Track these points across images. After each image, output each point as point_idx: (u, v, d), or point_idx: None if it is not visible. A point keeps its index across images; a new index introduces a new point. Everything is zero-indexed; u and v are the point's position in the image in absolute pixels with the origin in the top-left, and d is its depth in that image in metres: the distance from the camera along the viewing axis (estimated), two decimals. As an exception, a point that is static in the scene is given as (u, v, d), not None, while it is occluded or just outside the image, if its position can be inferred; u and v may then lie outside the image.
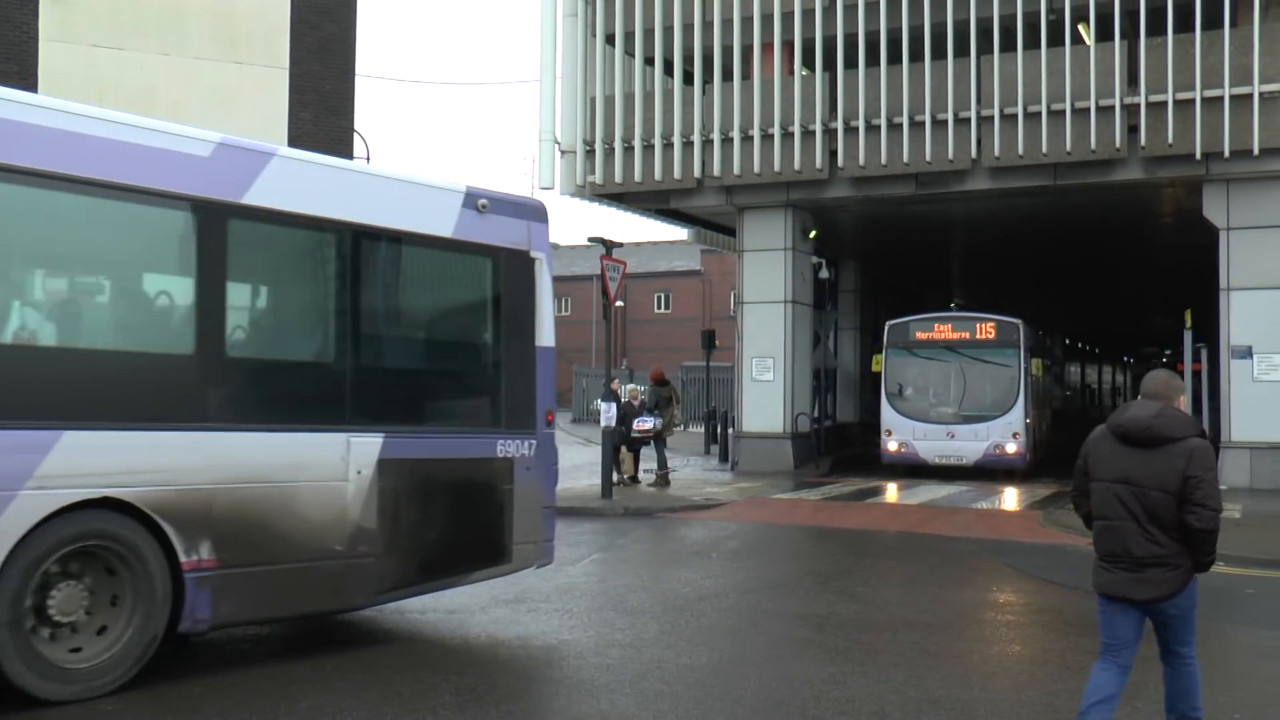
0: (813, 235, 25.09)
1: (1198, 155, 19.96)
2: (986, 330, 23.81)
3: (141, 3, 19.33)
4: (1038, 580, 11.78)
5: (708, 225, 29.07)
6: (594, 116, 24.39)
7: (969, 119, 21.49)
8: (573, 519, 16.25)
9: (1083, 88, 20.60)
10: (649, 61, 24.59)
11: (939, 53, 21.84)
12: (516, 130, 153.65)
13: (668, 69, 24.75)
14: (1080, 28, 21.59)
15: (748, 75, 23.63)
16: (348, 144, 21.57)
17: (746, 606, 10.15)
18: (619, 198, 25.05)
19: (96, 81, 18.12)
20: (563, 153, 24.66)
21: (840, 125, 22.47)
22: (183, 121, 7.96)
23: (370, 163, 32.17)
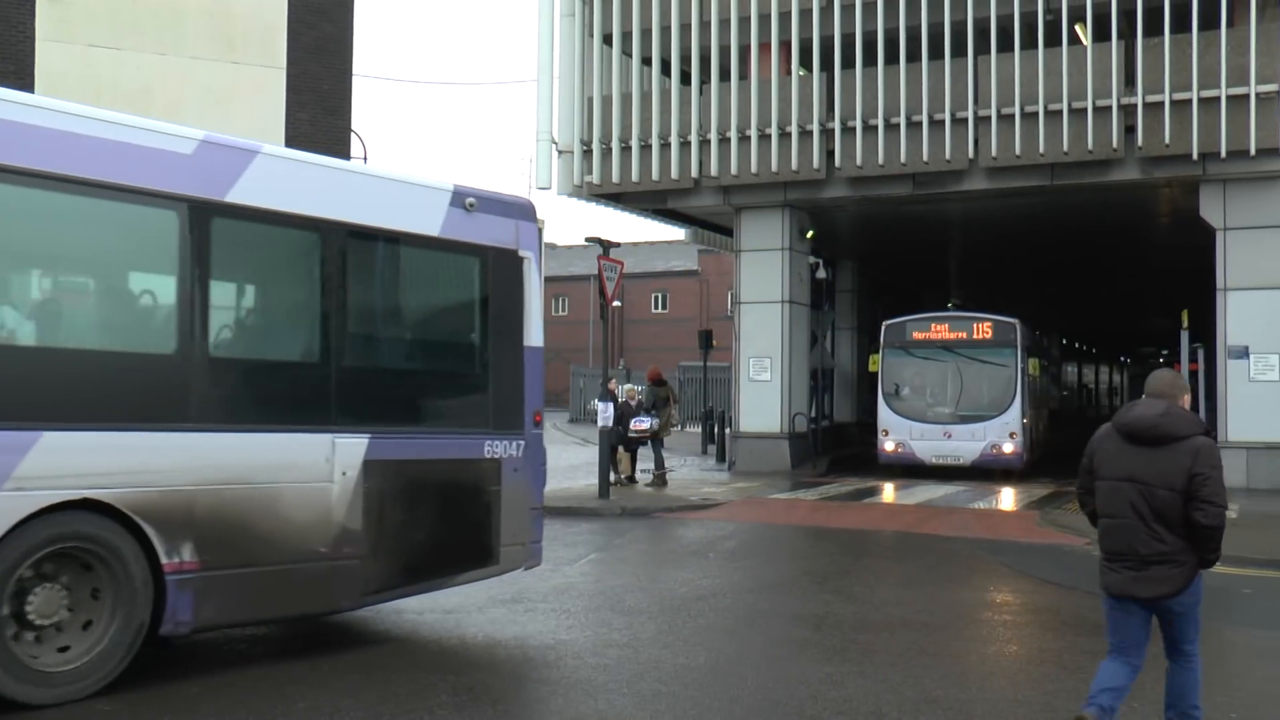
0: (810, 235, 25.09)
1: (1194, 155, 19.98)
2: (983, 330, 23.79)
3: (138, 3, 19.32)
4: (1035, 580, 11.79)
5: (705, 225, 29.08)
6: (591, 116, 24.39)
7: (966, 119, 21.51)
8: (570, 519, 16.26)
9: (1080, 88, 20.62)
10: (646, 61, 24.60)
11: (936, 53, 21.85)
12: (514, 130, 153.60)
13: (665, 69, 24.77)
14: (1077, 28, 21.59)
15: (745, 75, 23.64)
16: (345, 144, 21.56)
17: (744, 606, 10.16)
18: (616, 198, 25.06)
19: (93, 81, 18.11)
20: (560, 153, 24.65)
21: (838, 125, 22.49)
22: (180, 121, 7.90)
23: (368, 163, 32.19)
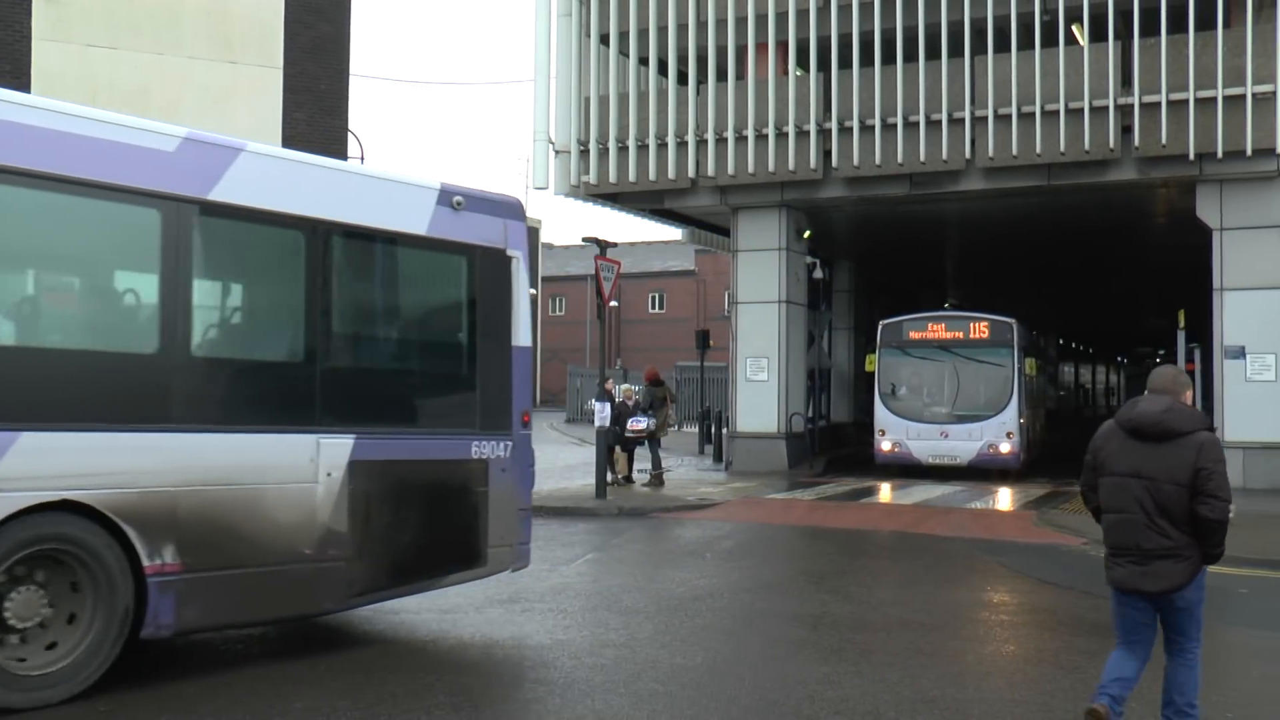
0: (807, 235, 25.08)
1: (1191, 156, 20.00)
2: (980, 330, 23.78)
3: (135, 2, 19.31)
4: (1032, 580, 11.80)
5: (702, 225, 29.08)
6: (588, 116, 24.38)
7: (963, 119, 21.51)
8: (567, 519, 16.27)
9: (1077, 88, 20.63)
10: (643, 61, 24.59)
11: (933, 53, 21.86)
12: (511, 130, 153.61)
13: (662, 69, 24.77)
14: (1074, 28, 21.60)
15: (742, 75, 23.63)
16: (342, 144, 21.56)
17: (741, 606, 10.16)
18: (613, 198, 25.05)
19: (90, 81, 18.10)
20: (557, 153, 24.65)
21: (834, 125, 22.49)
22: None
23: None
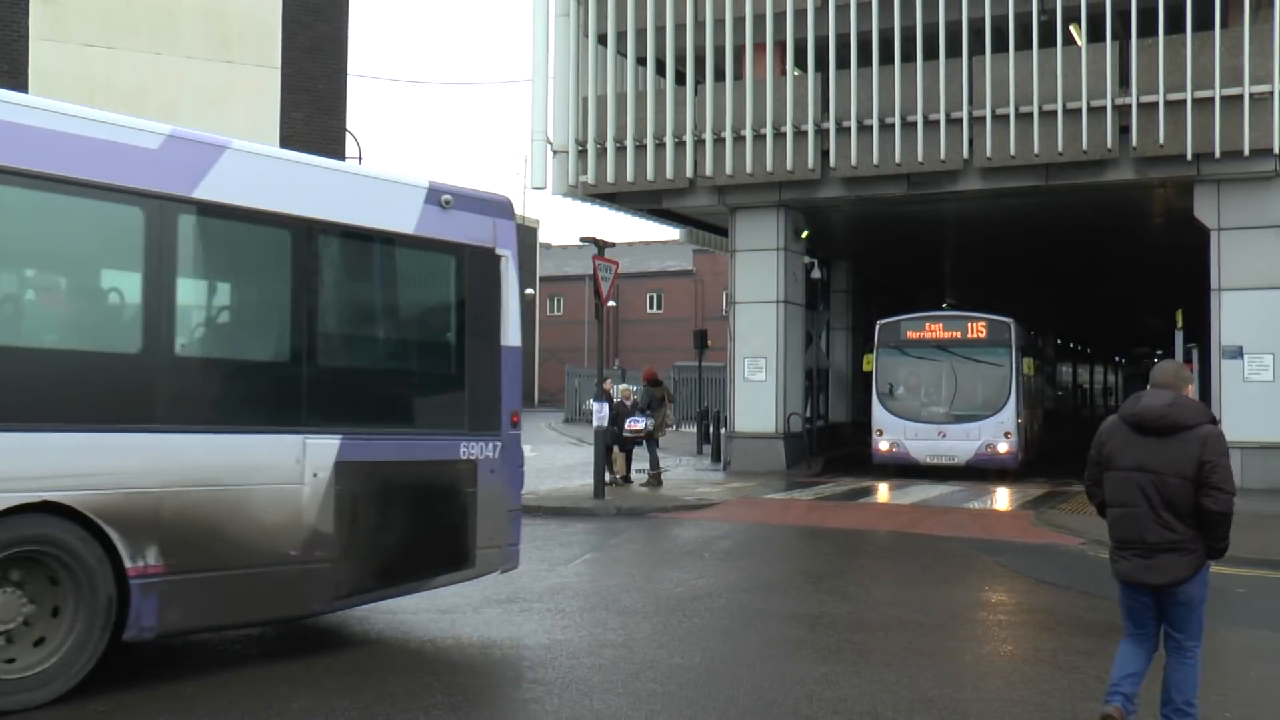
0: (805, 235, 25.08)
1: (1189, 156, 20.01)
2: (978, 329, 23.76)
3: (133, 2, 19.29)
4: (1030, 580, 11.81)
5: (700, 225, 29.08)
6: (586, 116, 24.38)
7: (961, 119, 21.52)
8: (565, 519, 16.27)
9: (1074, 88, 20.64)
10: (641, 61, 24.59)
11: (931, 53, 21.87)
12: (509, 130, 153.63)
13: (660, 69, 24.77)
14: (1072, 28, 21.61)
15: (740, 75, 23.63)
16: (340, 144, 21.55)
17: (739, 606, 10.16)
18: (611, 198, 25.05)
19: (88, 81, 18.09)
20: (555, 152, 24.64)
21: (832, 125, 22.49)
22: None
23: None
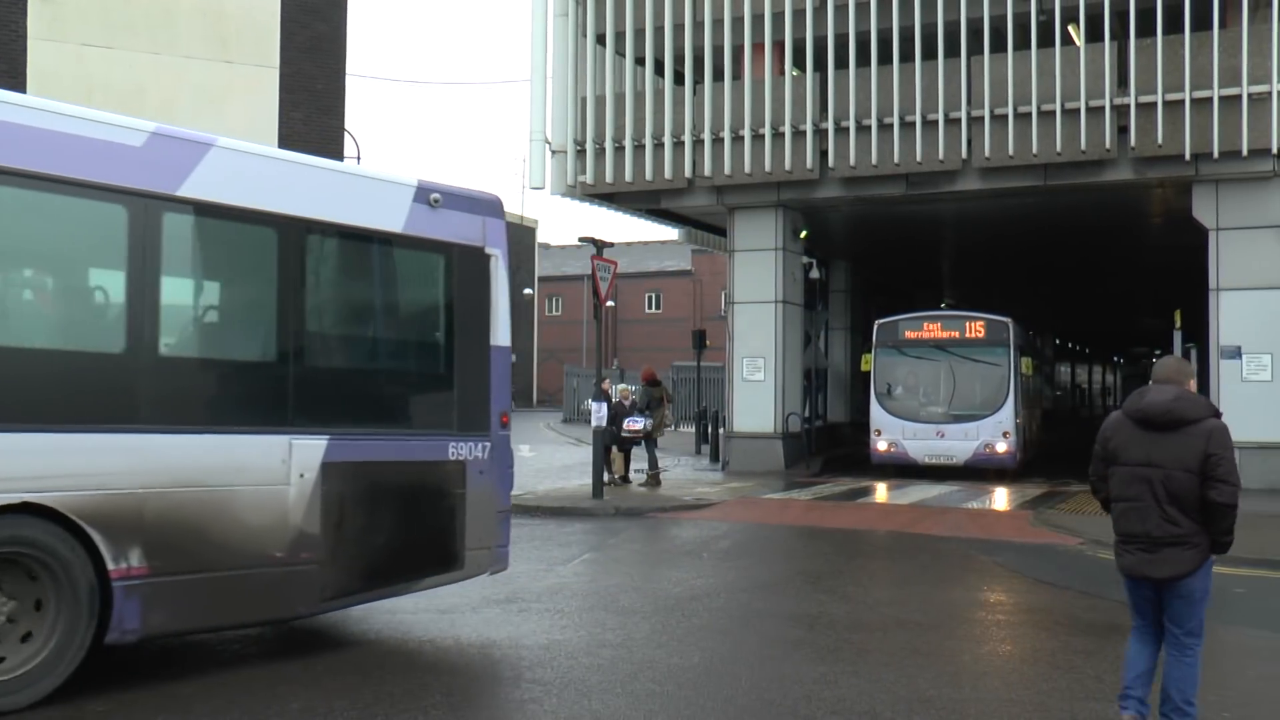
0: (803, 235, 25.09)
1: (1187, 156, 20.01)
2: (976, 329, 23.72)
3: (131, 2, 19.29)
4: (1028, 580, 11.81)
5: (698, 225, 29.07)
6: (584, 116, 24.37)
7: (959, 119, 21.52)
8: (564, 519, 16.28)
9: (1073, 88, 20.64)
10: (639, 61, 24.59)
11: (929, 53, 21.87)
12: (508, 130, 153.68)
13: (658, 69, 24.76)
14: (1070, 29, 21.62)
15: (738, 75, 23.63)
16: (338, 143, 21.56)
17: (738, 606, 10.16)
18: (609, 198, 25.04)
19: (86, 81, 18.09)
20: (553, 152, 24.63)
21: (831, 125, 22.49)
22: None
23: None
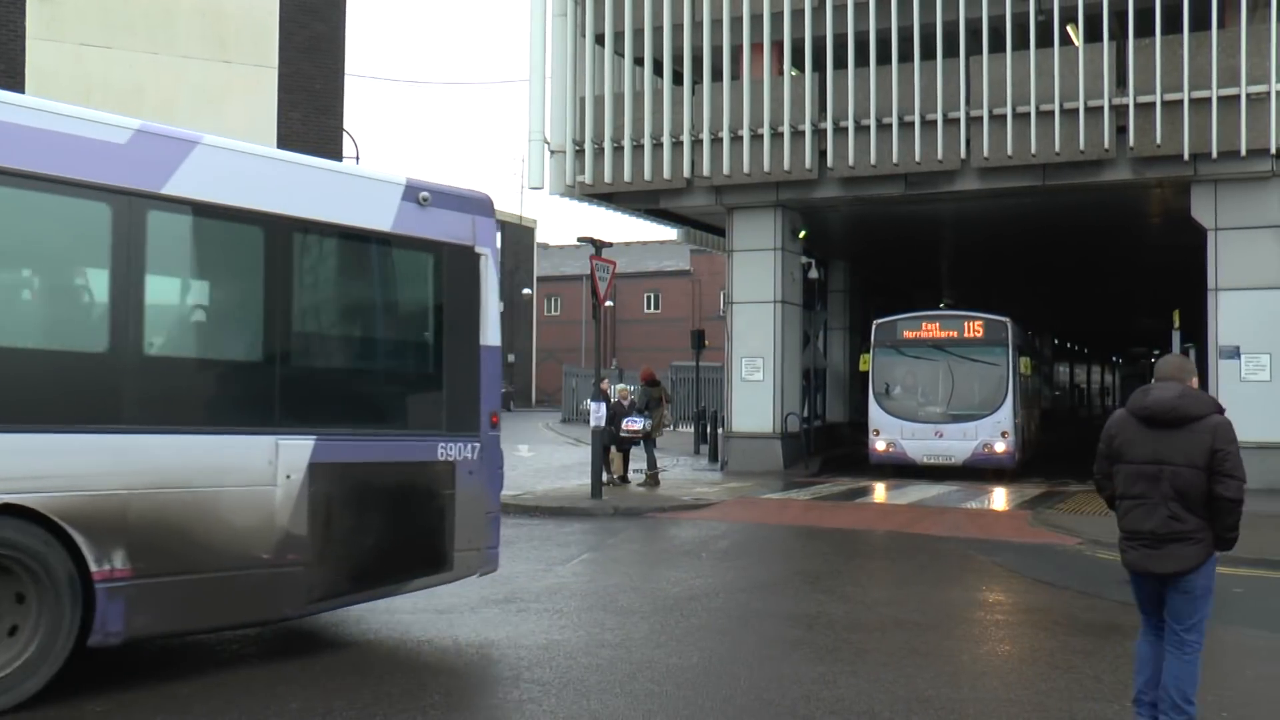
0: (802, 235, 25.09)
1: (1185, 156, 20.01)
2: (974, 329, 23.69)
3: (130, 2, 19.28)
4: (1027, 580, 11.81)
5: (697, 225, 29.07)
6: (583, 116, 24.37)
7: (958, 119, 21.52)
8: (562, 519, 16.28)
9: (1071, 88, 20.65)
10: (638, 61, 24.59)
11: (928, 53, 21.87)
12: (507, 130, 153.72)
13: (657, 69, 24.76)
14: (1068, 29, 21.62)
15: (737, 75, 23.63)
16: (337, 143, 21.56)
17: (736, 606, 10.16)
18: (608, 198, 25.04)
19: (85, 80, 18.08)
20: (552, 152, 24.63)
21: (829, 125, 22.49)
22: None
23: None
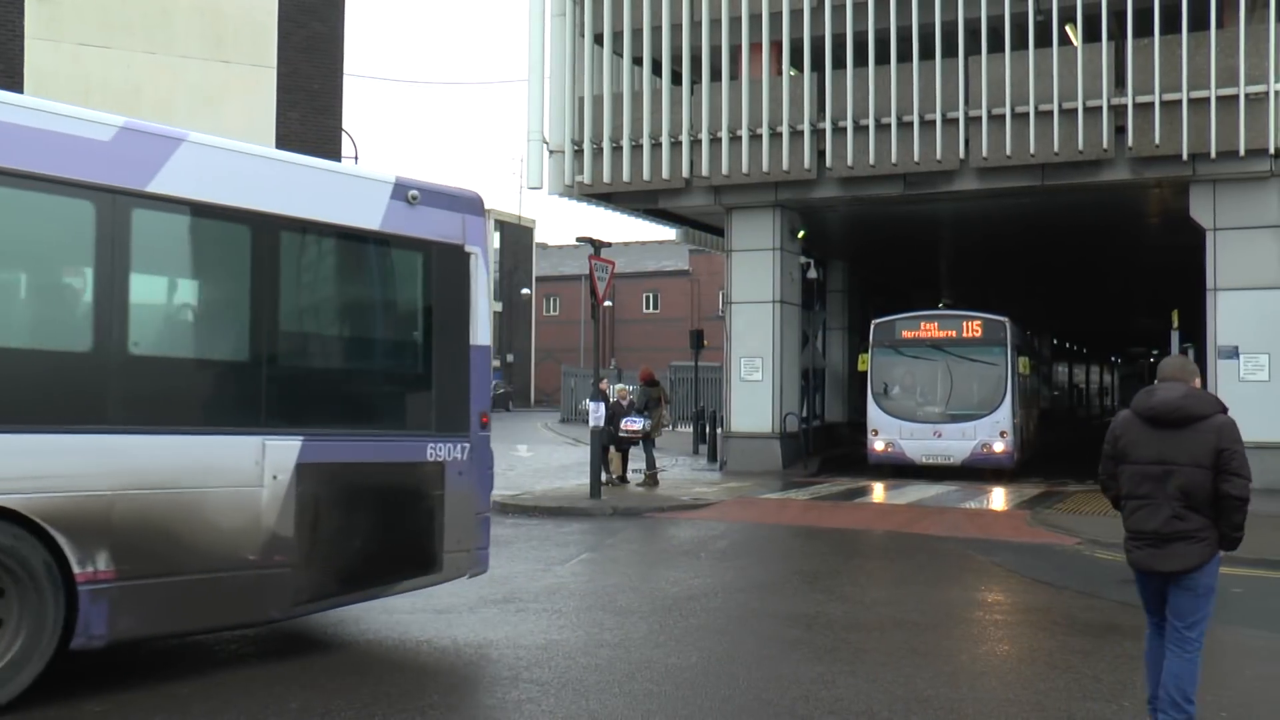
0: (801, 235, 25.10)
1: (1184, 156, 20.01)
2: (973, 328, 23.68)
3: (128, 1, 19.26)
4: (1026, 580, 11.81)
5: (696, 225, 29.07)
6: (582, 116, 24.37)
7: (957, 119, 21.52)
8: (561, 519, 16.28)
9: (1070, 88, 20.65)
10: (637, 61, 24.59)
11: (927, 53, 21.87)
12: (506, 130, 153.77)
13: (656, 69, 24.77)
14: (1067, 29, 21.62)
15: (736, 75, 23.64)
16: (336, 143, 21.53)
17: (735, 606, 10.16)
18: (607, 197, 25.04)
19: (83, 80, 18.06)
20: (551, 152, 24.63)
21: (828, 125, 22.49)
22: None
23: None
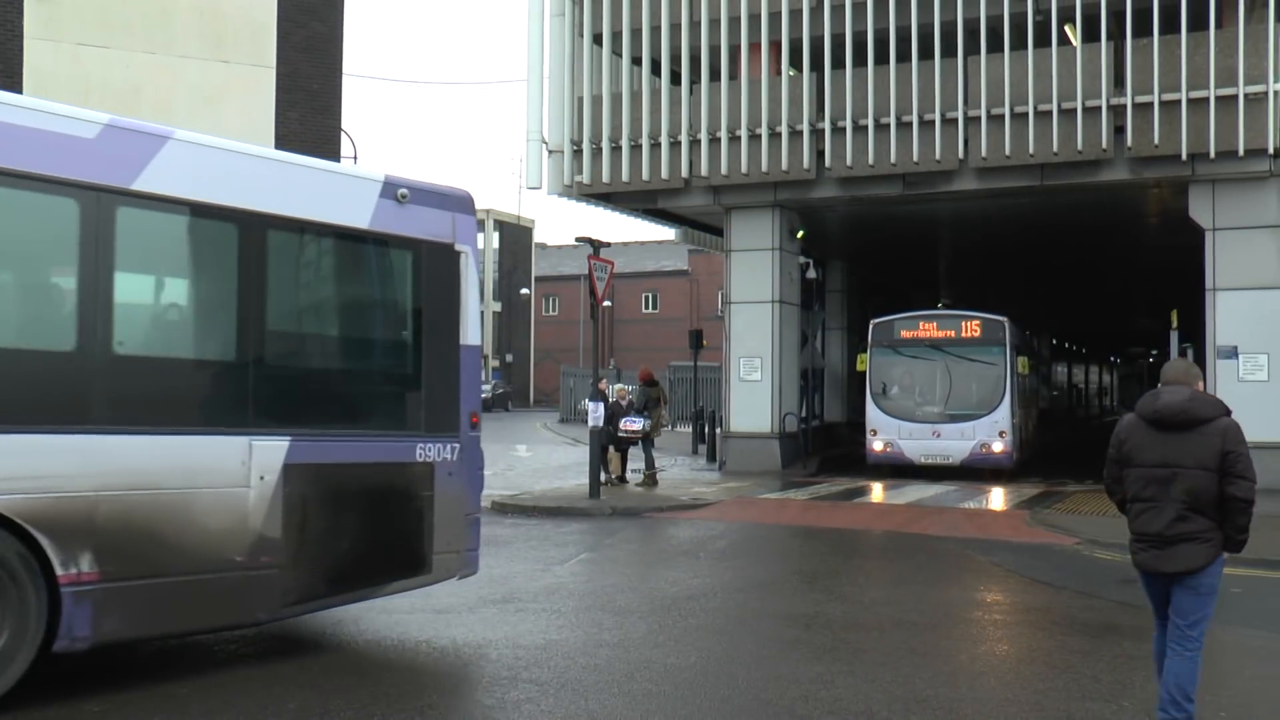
0: (800, 235, 25.10)
1: (1183, 156, 20.02)
2: (972, 328, 23.67)
3: (128, 1, 19.25)
4: (1025, 579, 11.82)
5: (695, 225, 29.08)
6: (581, 116, 24.37)
7: (956, 119, 21.53)
8: (560, 519, 16.28)
9: (1069, 88, 20.66)
10: (636, 61, 24.59)
11: (926, 53, 21.88)
12: (505, 130, 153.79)
13: (655, 69, 24.77)
14: (1066, 29, 21.64)
15: (735, 75, 23.64)
16: (335, 143, 21.53)
17: (734, 606, 10.16)
18: (606, 197, 25.04)
19: (82, 80, 18.05)
20: (550, 152, 24.64)
21: (827, 125, 22.49)
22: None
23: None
